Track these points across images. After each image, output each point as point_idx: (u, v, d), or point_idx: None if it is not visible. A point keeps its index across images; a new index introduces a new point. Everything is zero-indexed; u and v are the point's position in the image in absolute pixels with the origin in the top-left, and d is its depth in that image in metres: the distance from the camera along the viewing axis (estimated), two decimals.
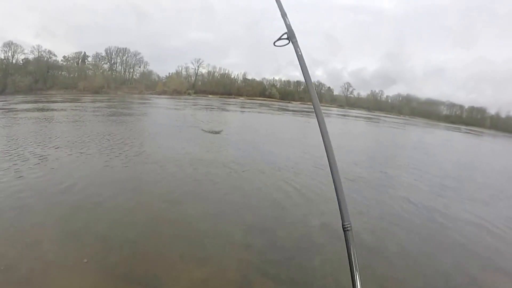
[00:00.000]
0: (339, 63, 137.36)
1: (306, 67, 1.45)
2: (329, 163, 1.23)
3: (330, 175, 1.16)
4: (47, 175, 6.02)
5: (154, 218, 4.59)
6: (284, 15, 1.58)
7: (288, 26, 1.52)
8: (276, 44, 1.54)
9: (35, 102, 24.54)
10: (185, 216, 4.78)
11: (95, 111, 19.36)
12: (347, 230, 1.16)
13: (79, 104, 23.92)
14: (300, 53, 1.48)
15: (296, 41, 1.49)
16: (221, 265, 3.58)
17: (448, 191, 7.93)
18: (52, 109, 18.97)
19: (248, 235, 4.34)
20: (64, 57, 51.94)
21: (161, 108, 25.95)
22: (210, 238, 4.13)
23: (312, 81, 1.44)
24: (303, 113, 35.17)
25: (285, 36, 1.50)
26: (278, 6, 1.62)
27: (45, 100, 27.34)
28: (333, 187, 1.14)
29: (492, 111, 68.13)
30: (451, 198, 7.33)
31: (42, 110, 18.43)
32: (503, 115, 66.57)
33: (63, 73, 48.63)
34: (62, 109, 19.20)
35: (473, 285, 3.70)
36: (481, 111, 69.47)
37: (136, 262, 3.48)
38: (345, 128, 25.71)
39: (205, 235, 4.21)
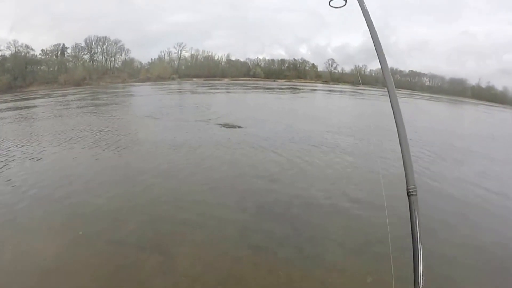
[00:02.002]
0: (323, 40, 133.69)
1: (372, 23, 1.33)
2: (396, 126, 1.27)
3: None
4: (46, 172, 6.70)
5: (154, 194, 5.53)
6: None
7: None
8: (331, 4, 1.44)
9: (15, 100, 24.90)
10: (185, 189, 5.83)
11: (73, 105, 19.35)
12: (412, 194, 1.07)
13: (51, 99, 24.58)
14: (365, 8, 1.37)
15: None
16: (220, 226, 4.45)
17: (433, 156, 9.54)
18: (32, 106, 19.36)
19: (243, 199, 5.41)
20: (42, 50, 50.76)
21: (145, 97, 26.68)
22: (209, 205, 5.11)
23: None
24: (280, 90, 35.69)
25: None
26: None
27: (23, 98, 27.96)
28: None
29: (473, 82, 70.00)
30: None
31: (22, 108, 18.68)
32: (483, 85, 68.85)
33: (42, 67, 48.04)
34: (39, 106, 19.59)
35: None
36: (462, 81, 70.94)
37: (144, 233, 4.25)
38: (331, 102, 26.45)
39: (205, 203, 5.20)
